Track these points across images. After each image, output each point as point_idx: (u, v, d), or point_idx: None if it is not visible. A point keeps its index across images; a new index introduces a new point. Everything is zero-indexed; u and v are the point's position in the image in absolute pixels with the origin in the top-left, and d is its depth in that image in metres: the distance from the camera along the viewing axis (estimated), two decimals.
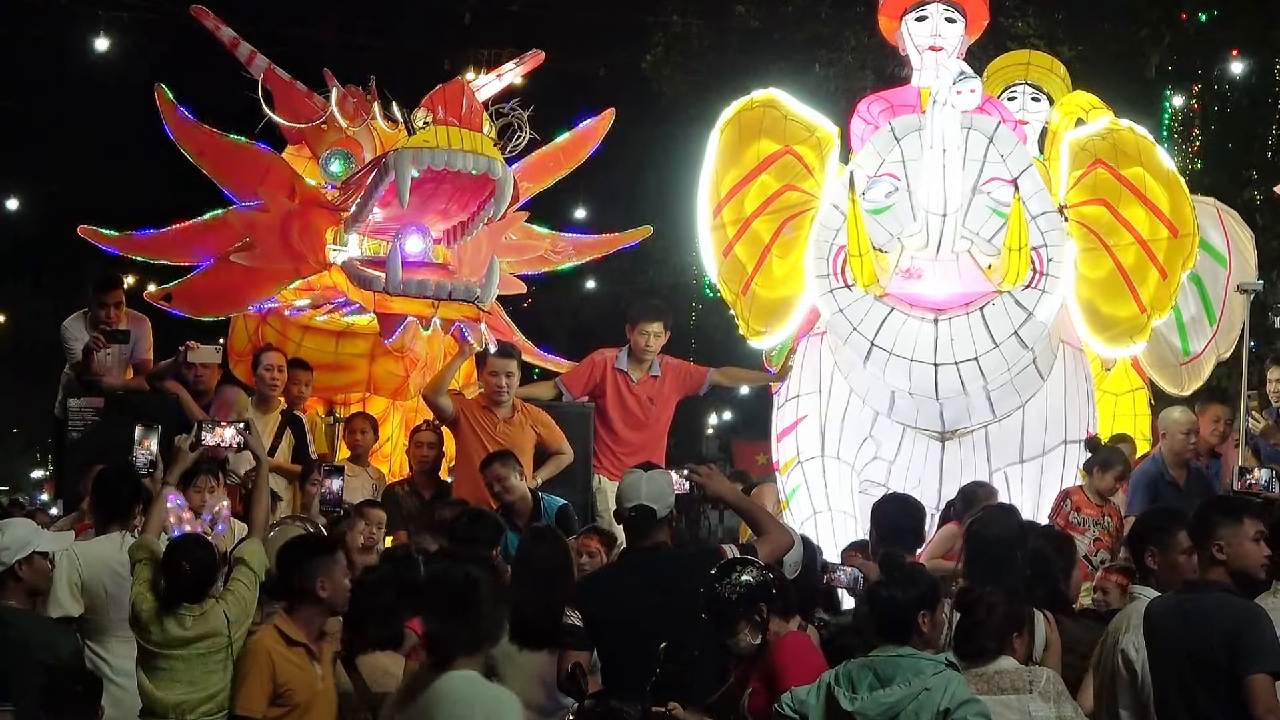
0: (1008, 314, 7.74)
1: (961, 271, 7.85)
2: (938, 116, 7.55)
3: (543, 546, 5.98)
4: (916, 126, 7.88)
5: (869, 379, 8.09)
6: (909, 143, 7.86)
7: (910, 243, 7.77)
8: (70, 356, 8.73)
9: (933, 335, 7.70)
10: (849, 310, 7.84)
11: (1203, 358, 9.15)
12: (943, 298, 7.80)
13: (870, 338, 7.76)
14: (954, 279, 7.84)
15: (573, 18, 15.64)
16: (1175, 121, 16.01)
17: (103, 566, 6.03)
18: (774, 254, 8.28)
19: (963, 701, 4.54)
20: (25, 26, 15.61)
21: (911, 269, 7.82)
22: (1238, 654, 4.72)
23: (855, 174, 7.99)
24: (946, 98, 7.53)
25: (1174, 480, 8.12)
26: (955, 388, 7.78)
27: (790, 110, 8.48)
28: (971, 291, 7.80)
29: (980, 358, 7.72)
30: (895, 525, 6.53)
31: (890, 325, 7.74)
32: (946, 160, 7.56)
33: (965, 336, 7.71)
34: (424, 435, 8.61)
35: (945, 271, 7.83)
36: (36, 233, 19.09)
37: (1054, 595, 5.77)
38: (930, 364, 7.70)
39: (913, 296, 7.80)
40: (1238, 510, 5.20)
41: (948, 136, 7.55)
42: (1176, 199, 8.44)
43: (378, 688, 5.27)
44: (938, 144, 7.55)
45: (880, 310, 7.76)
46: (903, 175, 7.85)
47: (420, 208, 8.68)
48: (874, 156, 8.01)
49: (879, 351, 7.76)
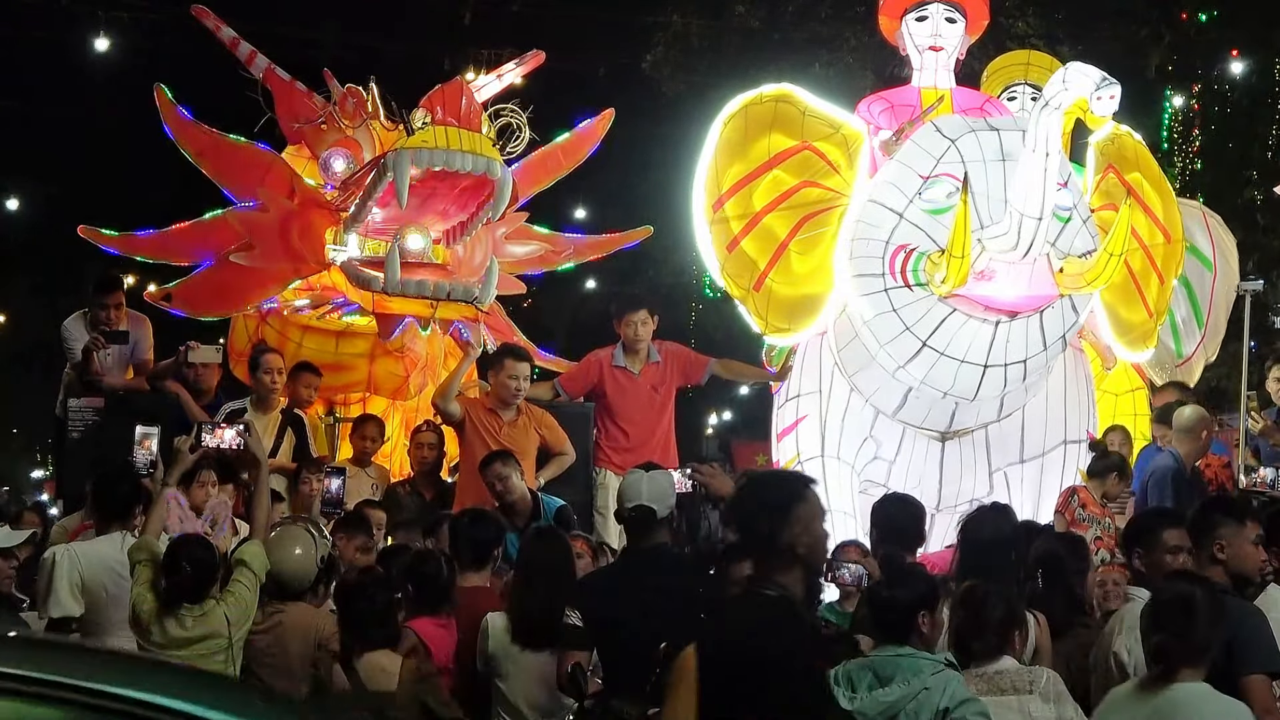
0: (1061, 317, 7.65)
1: (1034, 274, 7.55)
2: (1044, 119, 7.22)
3: (544, 546, 5.99)
4: (967, 128, 7.71)
5: (880, 378, 8.01)
6: (967, 144, 7.66)
7: (995, 244, 7.44)
8: (70, 357, 8.74)
9: (989, 337, 7.55)
10: (904, 311, 7.63)
11: (1194, 360, 9.17)
12: (1011, 299, 7.56)
13: (923, 339, 7.59)
14: (1024, 282, 7.54)
15: (573, 18, 15.65)
16: (1175, 121, 16.03)
17: (103, 566, 6.02)
18: (793, 250, 8.16)
19: (962, 700, 4.53)
20: (25, 26, 15.61)
21: (986, 270, 7.52)
22: (1235, 655, 4.72)
23: (901, 174, 7.81)
24: (1060, 101, 7.21)
25: (1189, 479, 8.13)
26: (998, 388, 7.70)
27: (809, 106, 8.30)
28: (1039, 295, 7.56)
29: (1029, 360, 7.65)
30: (895, 525, 6.49)
31: (948, 326, 7.56)
32: (1049, 164, 7.24)
33: (1020, 339, 7.57)
34: (425, 435, 8.61)
35: (1018, 274, 7.53)
36: (36, 233, 19.09)
37: (1070, 599, 5.76)
38: (980, 365, 7.58)
39: (984, 298, 7.54)
40: (1239, 512, 5.22)
41: (1051, 140, 7.27)
42: (1168, 204, 8.44)
43: (375, 687, 5.26)
44: (1040, 147, 7.29)
45: (940, 311, 7.57)
46: (961, 176, 7.51)
47: (419, 208, 8.68)
48: (924, 156, 7.78)
49: (929, 352, 7.60)
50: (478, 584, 6.17)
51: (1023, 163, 7.26)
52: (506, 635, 5.72)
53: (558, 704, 5.56)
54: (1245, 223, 13.87)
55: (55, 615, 5.95)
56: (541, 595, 5.65)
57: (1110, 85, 7.10)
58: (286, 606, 5.75)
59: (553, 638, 5.51)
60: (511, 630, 5.72)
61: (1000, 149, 7.57)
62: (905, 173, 7.80)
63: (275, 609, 5.75)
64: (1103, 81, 7.10)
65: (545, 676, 5.57)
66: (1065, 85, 7.14)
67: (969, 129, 7.72)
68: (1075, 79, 7.14)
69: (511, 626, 5.73)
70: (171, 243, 9.30)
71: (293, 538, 5.90)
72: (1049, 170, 7.24)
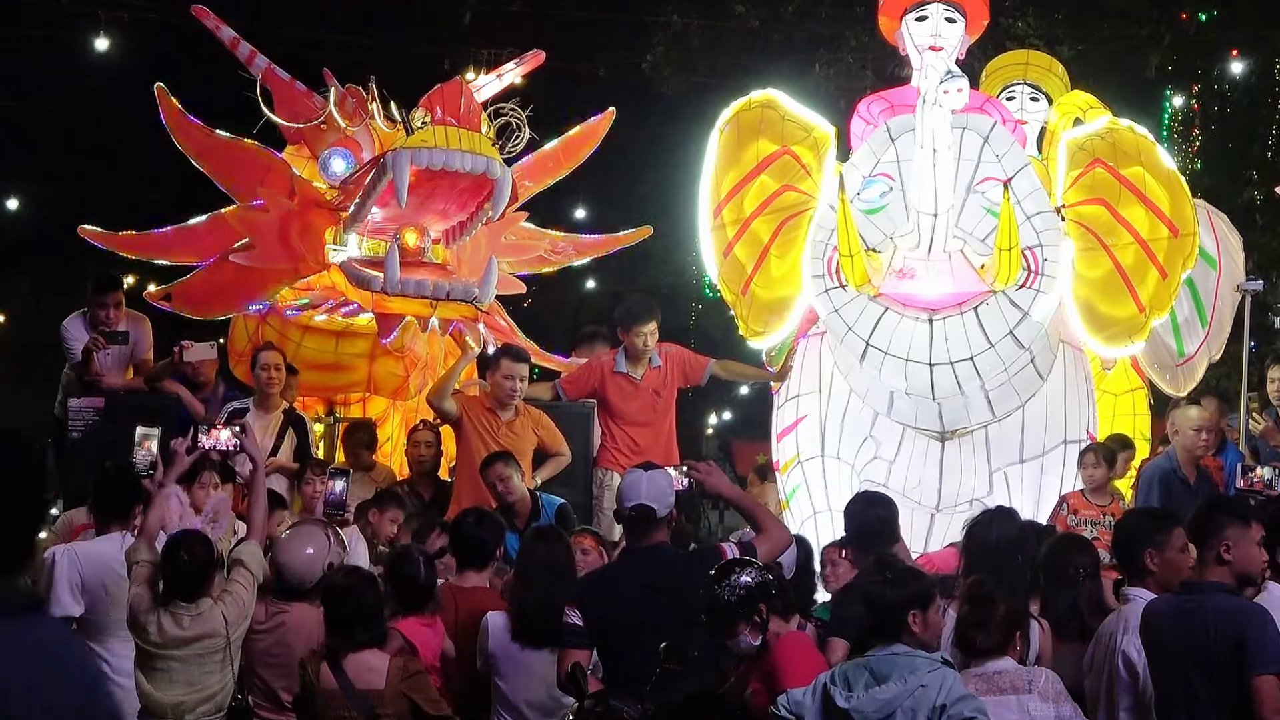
0: (1002, 314, 7.72)
1: (954, 271, 7.81)
2: (927, 116, 7.51)
3: (544, 546, 5.99)
4: (911, 126, 7.87)
5: (868, 379, 8.09)
6: (904, 142, 7.85)
7: (903, 243, 7.76)
8: (70, 357, 8.74)
9: (927, 335, 7.68)
10: (844, 310, 7.82)
11: (1196, 359, 9.15)
12: (935, 297, 7.76)
13: (865, 338, 7.74)
14: (947, 279, 7.80)
15: (573, 18, 15.62)
16: (1175, 121, 16.03)
17: (103, 566, 6.03)
18: (772, 254, 8.28)
19: (959, 698, 4.52)
20: (25, 26, 15.59)
21: (905, 269, 7.79)
22: (1243, 655, 4.72)
23: (850, 174, 7.98)
24: (935, 97, 7.48)
25: (1185, 478, 8.09)
26: (951, 388, 7.77)
27: (787, 111, 8.47)
28: (964, 291, 7.76)
29: (975, 358, 7.70)
30: (862, 526, 6.37)
31: (885, 325, 7.72)
32: (937, 160, 7.52)
33: (960, 336, 7.69)
34: (422, 435, 8.61)
35: (938, 271, 7.79)
36: (36, 233, 19.06)
37: (1088, 601, 5.76)
38: (925, 364, 7.69)
39: (906, 296, 7.77)
40: (1244, 513, 5.21)
41: (938, 136, 7.52)
42: (1177, 198, 8.42)
43: (364, 686, 5.26)
44: (928, 143, 7.52)
45: (875, 310, 7.74)
46: (897, 175, 7.85)
47: (419, 208, 8.68)
48: (869, 156, 8.00)
49: (874, 351, 7.74)
50: (478, 584, 6.18)
51: (914, 160, 7.42)
52: (506, 634, 5.72)
53: (557, 703, 5.56)
54: (1245, 223, 13.84)
55: (55, 615, 5.94)
56: (541, 594, 5.66)
57: (955, 79, 7.48)
58: (290, 607, 5.74)
59: (552, 637, 5.51)
60: (511, 629, 5.72)
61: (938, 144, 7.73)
62: (852, 173, 8.01)
63: (278, 609, 5.74)
64: (947, 75, 7.47)
65: (545, 676, 5.57)
66: (925, 79, 7.54)
67: (910, 127, 7.85)
68: (926, 74, 7.58)
69: (511, 625, 5.73)
70: (171, 242, 9.30)
71: (307, 537, 5.88)
72: (939, 166, 7.50)
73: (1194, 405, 8.44)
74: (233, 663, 5.52)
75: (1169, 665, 4.97)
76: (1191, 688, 4.86)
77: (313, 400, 9.26)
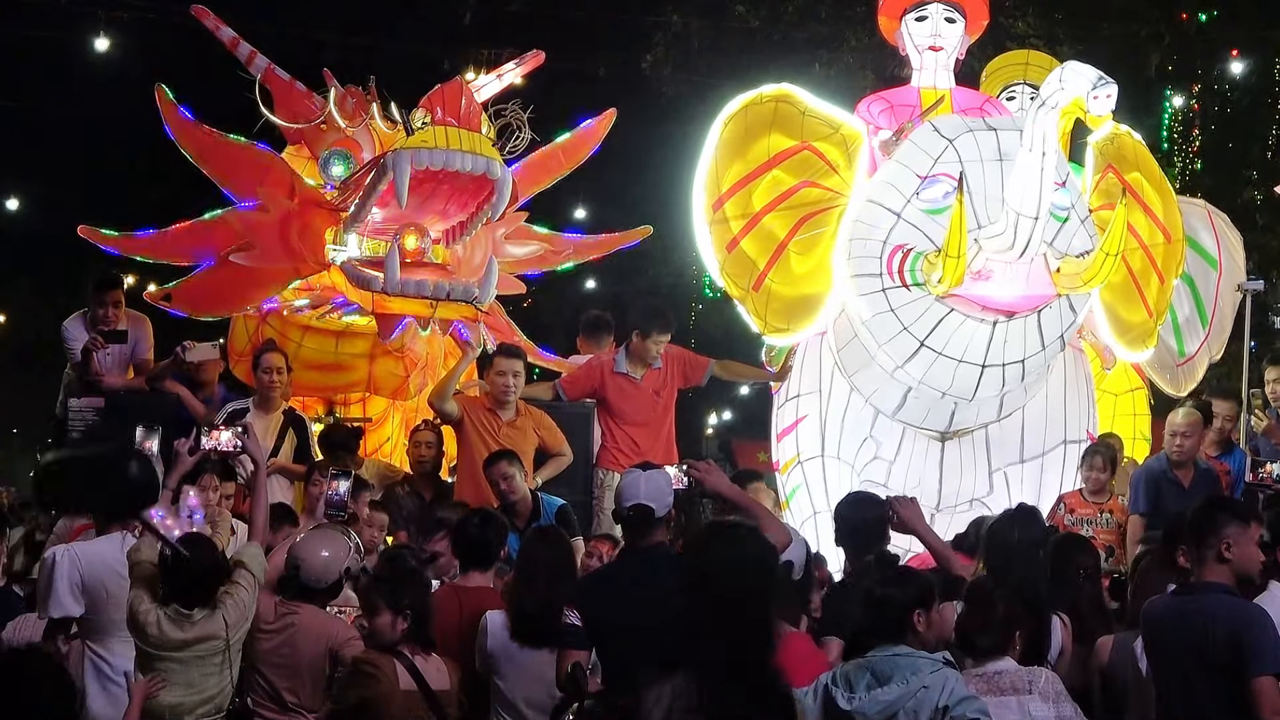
0: (1059, 317, 7.64)
1: (1031, 274, 7.57)
2: (1040, 119, 7.21)
3: (545, 546, 5.98)
4: (964, 129, 7.74)
5: (879, 378, 8.01)
6: (964, 144, 7.67)
7: (992, 244, 7.46)
8: (70, 356, 8.75)
9: (987, 337, 7.56)
10: (902, 310, 7.65)
11: (1196, 359, 9.14)
12: (1009, 299, 7.58)
13: (921, 338, 7.61)
14: (1021, 281, 7.56)
15: (573, 18, 15.63)
16: (1175, 121, 16.05)
17: (103, 566, 6.00)
18: (792, 250, 8.17)
19: (961, 699, 4.52)
20: (25, 26, 15.60)
21: (983, 270, 7.55)
22: (1242, 655, 4.73)
23: (899, 174, 7.81)
24: (1057, 100, 7.17)
25: (1177, 479, 8.05)
26: (996, 388, 7.70)
27: (809, 106, 8.31)
28: (1035, 294, 7.59)
29: (1026, 360, 7.63)
30: (849, 527, 6.35)
31: (946, 326, 7.58)
32: (1045, 164, 7.24)
33: (1019, 339, 7.58)
34: (423, 435, 8.61)
35: (1015, 274, 7.56)
36: (36, 233, 19.07)
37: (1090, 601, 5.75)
38: (978, 365, 7.59)
39: (981, 298, 7.56)
40: (1244, 513, 5.21)
41: (1047, 139, 7.25)
42: (1168, 204, 8.44)
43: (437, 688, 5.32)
44: (1036, 146, 7.22)
45: (938, 311, 7.58)
46: (960, 176, 7.52)
47: (419, 208, 8.68)
48: (922, 156, 7.79)
49: (927, 352, 7.62)
50: (481, 584, 6.18)
51: (1019, 162, 7.26)
52: (506, 634, 5.72)
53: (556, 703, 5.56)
54: (1245, 223, 13.85)
55: (55, 615, 5.93)
56: (541, 594, 5.66)
57: (1106, 84, 7.09)
58: (301, 608, 5.72)
59: (552, 637, 5.52)
60: (510, 629, 5.72)
61: (998, 149, 7.58)
62: (903, 173, 7.81)
63: (289, 609, 5.70)
64: (1099, 81, 7.09)
65: (544, 675, 5.57)
66: (1062, 85, 7.13)
67: (967, 129, 7.74)
68: (1072, 78, 7.13)
69: (510, 625, 5.73)
70: (171, 243, 9.29)
71: (326, 540, 5.84)
72: (1045, 169, 7.24)
73: (1182, 409, 8.44)
74: (232, 665, 5.50)
75: (1168, 665, 4.98)
76: (1191, 688, 4.86)
77: (313, 400, 9.26)
